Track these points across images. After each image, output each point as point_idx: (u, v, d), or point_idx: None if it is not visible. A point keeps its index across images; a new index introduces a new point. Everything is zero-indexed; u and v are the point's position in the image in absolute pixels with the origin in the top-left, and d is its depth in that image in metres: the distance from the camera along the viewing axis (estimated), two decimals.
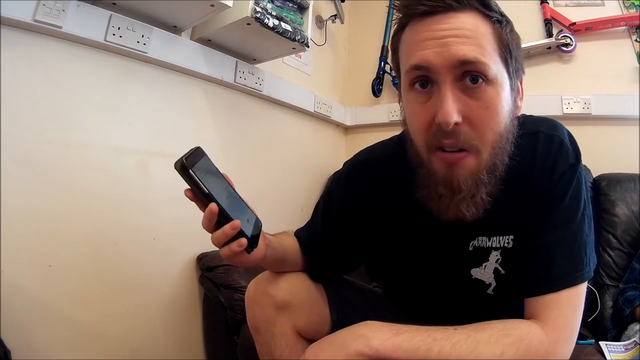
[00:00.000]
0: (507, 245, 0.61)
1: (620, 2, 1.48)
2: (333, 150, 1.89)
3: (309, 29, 1.31)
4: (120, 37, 1.03)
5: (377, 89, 1.82)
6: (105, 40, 1.01)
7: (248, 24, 1.14)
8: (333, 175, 0.84)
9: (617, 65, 1.45)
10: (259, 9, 1.11)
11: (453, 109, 0.50)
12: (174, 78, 1.21)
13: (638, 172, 1.26)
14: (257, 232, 0.57)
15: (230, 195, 0.56)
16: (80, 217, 0.98)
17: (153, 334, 1.13)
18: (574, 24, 1.48)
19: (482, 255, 0.63)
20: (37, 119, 0.92)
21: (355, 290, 0.81)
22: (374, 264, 0.81)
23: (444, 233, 0.62)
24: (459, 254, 0.64)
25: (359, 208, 0.71)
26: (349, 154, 0.79)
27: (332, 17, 1.79)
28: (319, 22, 1.79)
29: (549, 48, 1.52)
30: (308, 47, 1.30)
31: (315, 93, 1.73)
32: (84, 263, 0.99)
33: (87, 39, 0.99)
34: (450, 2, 0.52)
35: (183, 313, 1.21)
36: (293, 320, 0.68)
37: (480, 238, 0.63)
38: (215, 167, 0.55)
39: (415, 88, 0.55)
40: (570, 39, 1.49)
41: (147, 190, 1.12)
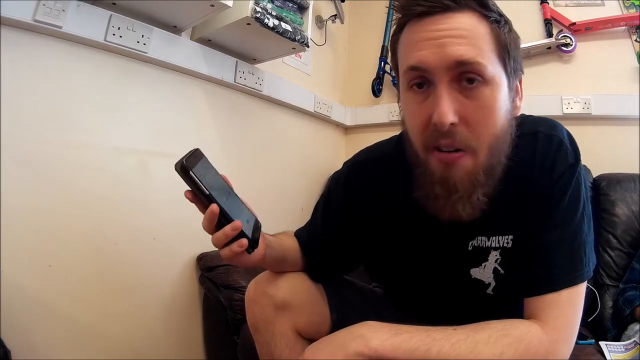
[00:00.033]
0: (506, 245, 0.61)
1: (620, 2, 1.48)
2: (333, 150, 1.89)
3: (309, 29, 1.31)
4: (120, 37, 1.03)
5: (377, 89, 1.82)
6: (105, 40, 1.01)
7: (248, 24, 1.14)
8: (333, 175, 0.84)
9: (617, 65, 1.45)
10: (259, 9, 1.12)
11: (449, 109, 0.51)
12: (174, 78, 1.21)
13: (638, 172, 1.26)
14: (257, 232, 0.58)
15: (230, 197, 0.56)
16: (80, 217, 0.98)
17: (153, 334, 1.13)
18: (574, 24, 1.48)
19: (481, 255, 0.63)
20: (37, 119, 0.92)
21: (355, 290, 0.81)
22: (374, 264, 0.81)
23: (443, 233, 0.62)
24: (459, 254, 0.64)
25: (359, 208, 0.71)
26: (349, 154, 0.79)
27: (332, 17, 1.79)
28: (319, 22, 1.79)
29: (549, 48, 1.52)
30: (308, 47, 1.30)
31: (315, 93, 1.73)
32: (84, 263, 0.99)
33: (87, 39, 0.99)
34: (448, 2, 0.52)
35: (183, 313, 1.21)
36: (293, 320, 0.68)
37: (480, 238, 0.63)
38: (214, 168, 0.55)
39: (413, 88, 0.55)
40: (570, 39, 1.49)
41: (147, 190, 1.12)
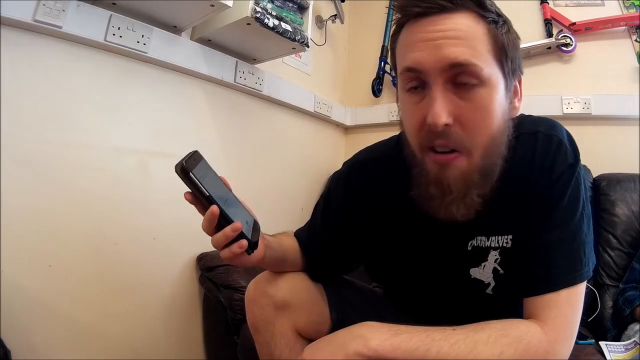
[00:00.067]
0: (505, 245, 0.61)
1: (620, 2, 1.48)
2: (333, 150, 1.89)
3: (309, 29, 1.31)
4: (120, 37, 1.03)
5: (377, 89, 1.82)
6: (105, 40, 1.01)
7: (248, 24, 1.14)
8: (333, 175, 0.84)
9: (617, 65, 1.45)
10: (259, 9, 1.12)
11: (442, 110, 0.51)
12: (174, 78, 1.21)
13: (638, 172, 1.26)
14: (256, 233, 0.58)
15: (229, 198, 0.56)
16: (80, 217, 0.99)
17: (153, 334, 1.13)
18: (574, 24, 1.48)
19: (481, 255, 0.63)
20: (37, 119, 0.92)
21: (355, 290, 0.81)
22: (374, 264, 0.81)
23: (443, 233, 0.62)
24: (458, 254, 0.64)
25: (359, 208, 0.71)
26: (349, 154, 0.79)
27: (332, 17, 1.79)
28: (319, 22, 1.79)
29: (549, 48, 1.52)
30: (308, 47, 1.30)
31: (315, 93, 1.73)
32: (84, 263, 0.99)
33: (87, 39, 0.99)
34: (444, 3, 0.52)
35: (183, 313, 1.21)
36: (293, 320, 0.68)
37: (479, 238, 0.63)
38: (213, 170, 0.55)
39: (409, 89, 0.56)
40: (570, 39, 1.49)
41: (147, 190, 1.12)
